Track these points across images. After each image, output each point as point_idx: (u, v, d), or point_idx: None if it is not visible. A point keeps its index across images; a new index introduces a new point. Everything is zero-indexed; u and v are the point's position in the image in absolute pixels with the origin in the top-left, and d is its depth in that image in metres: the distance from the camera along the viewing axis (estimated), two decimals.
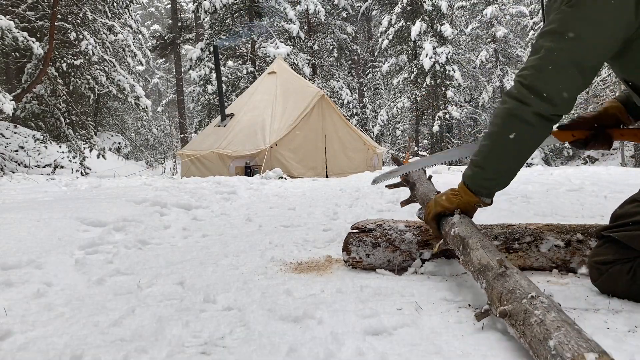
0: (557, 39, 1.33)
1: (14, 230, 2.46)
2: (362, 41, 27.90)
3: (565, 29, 1.32)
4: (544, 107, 1.37)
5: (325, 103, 10.41)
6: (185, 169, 10.47)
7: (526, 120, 1.39)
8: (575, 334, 0.86)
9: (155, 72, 32.03)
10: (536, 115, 1.38)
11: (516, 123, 1.41)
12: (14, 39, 9.62)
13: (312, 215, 3.36)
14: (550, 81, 1.35)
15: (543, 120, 1.39)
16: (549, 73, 1.34)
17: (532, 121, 1.39)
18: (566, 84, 1.35)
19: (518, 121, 1.41)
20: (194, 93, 19.57)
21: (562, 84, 1.35)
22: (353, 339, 1.17)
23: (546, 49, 1.35)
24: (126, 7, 15.51)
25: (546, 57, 1.35)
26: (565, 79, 1.34)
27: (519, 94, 1.40)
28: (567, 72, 1.33)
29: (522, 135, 1.43)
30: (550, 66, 1.34)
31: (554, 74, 1.34)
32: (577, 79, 1.35)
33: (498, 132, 1.46)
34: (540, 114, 1.38)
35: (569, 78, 1.34)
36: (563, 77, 1.34)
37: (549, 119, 1.40)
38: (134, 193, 4.14)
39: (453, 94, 19.42)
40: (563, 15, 1.33)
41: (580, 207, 3.37)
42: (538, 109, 1.37)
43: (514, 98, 1.41)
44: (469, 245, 1.41)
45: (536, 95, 1.36)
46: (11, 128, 12.16)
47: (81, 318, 1.39)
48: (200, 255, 2.20)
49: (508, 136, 1.43)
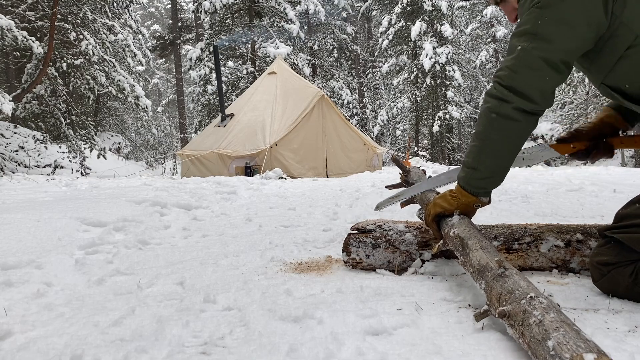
0: (530, 39, 1.38)
1: (14, 230, 2.46)
2: (362, 41, 27.89)
3: (537, 29, 1.37)
4: (524, 103, 1.41)
5: (325, 103, 10.41)
6: (185, 169, 10.47)
7: (509, 116, 1.43)
8: (574, 335, 0.86)
9: (155, 72, 32.01)
10: (517, 110, 1.42)
11: (500, 120, 1.45)
12: (14, 38, 9.62)
13: (312, 215, 3.36)
14: (527, 80, 1.40)
15: (525, 114, 1.43)
16: (524, 73, 1.39)
17: (515, 116, 1.43)
18: (542, 82, 1.40)
19: (501, 118, 1.44)
20: (194, 93, 19.57)
21: (538, 82, 1.39)
22: (353, 339, 1.17)
23: (520, 49, 1.40)
24: (126, 7, 15.52)
25: (520, 57, 1.39)
26: (540, 77, 1.39)
27: (499, 92, 1.44)
28: (542, 70, 1.38)
29: (508, 131, 1.46)
30: (524, 66, 1.39)
31: (529, 73, 1.39)
32: (552, 75, 1.39)
33: (484, 131, 1.49)
34: (522, 108, 1.42)
35: (543, 76, 1.39)
36: (538, 75, 1.39)
37: (531, 112, 1.43)
38: (134, 193, 4.14)
39: (453, 94, 19.41)
40: (534, 16, 1.38)
41: (580, 207, 3.37)
42: (519, 105, 1.41)
43: (494, 97, 1.45)
44: (468, 246, 1.41)
45: (515, 94, 1.41)
46: (11, 128, 12.16)
47: (81, 318, 1.39)
48: (201, 255, 2.20)
49: (494, 134, 1.47)
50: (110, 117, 21.01)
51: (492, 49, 21.20)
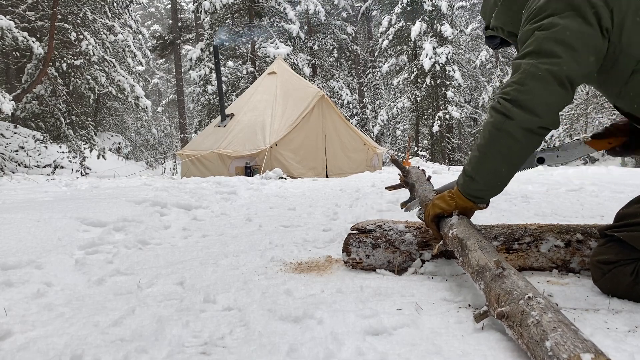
0: (535, 57, 1.38)
1: (14, 230, 2.46)
2: (362, 41, 27.89)
3: (540, 48, 1.37)
4: (529, 119, 1.38)
5: (325, 103, 10.41)
6: (185, 169, 10.47)
7: (512, 134, 1.41)
8: (572, 335, 0.86)
9: (155, 72, 32.01)
10: (522, 129, 1.40)
11: (503, 137, 1.43)
12: (14, 39, 9.62)
13: (312, 215, 3.36)
14: (532, 92, 1.37)
15: (529, 134, 1.41)
16: (531, 85, 1.37)
17: (518, 136, 1.41)
18: (548, 95, 1.37)
19: (504, 135, 1.42)
20: (194, 93, 19.58)
21: (543, 94, 1.37)
22: (353, 339, 1.17)
23: (525, 64, 1.39)
24: (126, 7, 15.51)
25: (526, 71, 1.38)
26: (547, 90, 1.37)
27: (503, 107, 1.42)
28: (548, 83, 1.36)
29: (508, 150, 1.44)
30: (531, 78, 1.37)
31: (536, 85, 1.37)
32: (557, 91, 1.37)
33: (485, 145, 1.48)
34: (527, 127, 1.40)
35: (549, 90, 1.37)
36: (544, 87, 1.36)
37: (535, 132, 1.41)
38: (134, 193, 4.14)
39: (453, 94, 19.41)
40: (536, 38, 1.39)
41: (580, 207, 3.37)
42: (523, 123, 1.39)
43: (499, 112, 1.43)
44: (467, 247, 1.41)
45: (519, 108, 1.38)
46: (11, 128, 12.16)
47: (81, 318, 1.39)
48: (201, 255, 2.20)
49: (495, 150, 1.46)
50: (110, 117, 21.01)
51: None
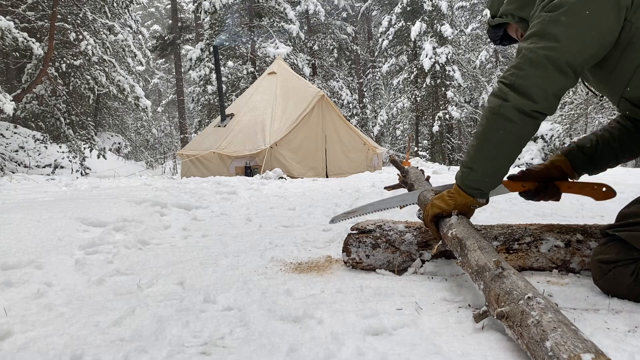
0: (536, 40, 1.38)
1: (14, 230, 2.46)
2: (362, 41, 27.89)
3: (544, 31, 1.37)
4: (524, 103, 1.40)
5: (325, 103, 10.42)
6: (185, 169, 10.47)
7: (507, 117, 1.42)
8: (572, 335, 0.86)
9: (155, 72, 31.98)
10: (517, 110, 1.41)
11: (499, 121, 1.44)
12: (14, 39, 9.61)
13: (312, 215, 3.36)
14: (529, 77, 1.38)
15: (524, 116, 1.41)
16: (527, 70, 1.38)
17: (513, 117, 1.42)
18: (544, 81, 1.38)
19: (500, 119, 1.43)
20: (194, 93, 19.58)
21: (540, 80, 1.38)
22: (353, 339, 1.17)
23: (525, 49, 1.40)
24: (126, 7, 15.49)
25: (525, 55, 1.39)
26: (544, 77, 1.37)
27: (500, 91, 1.44)
28: (546, 70, 1.36)
29: (505, 133, 1.45)
30: (528, 64, 1.38)
31: (532, 71, 1.38)
32: (556, 77, 1.37)
33: (482, 131, 1.49)
34: (521, 109, 1.40)
35: (547, 76, 1.37)
36: (541, 74, 1.37)
37: (530, 115, 1.41)
38: (134, 193, 4.14)
39: (453, 94, 19.42)
40: (541, 19, 1.39)
41: (580, 207, 3.37)
42: (518, 105, 1.40)
43: (496, 96, 1.45)
44: (466, 247, 1.41)
45: (515, 92, 1.40)
46: (11, 128, 12.16)
47: (81, 318, 1.39)
48: (201, 255, 2.20)
49: (492, 134, 1.46)
50: (110, 117, 21.01)
51: (492, 49, 21.19)
